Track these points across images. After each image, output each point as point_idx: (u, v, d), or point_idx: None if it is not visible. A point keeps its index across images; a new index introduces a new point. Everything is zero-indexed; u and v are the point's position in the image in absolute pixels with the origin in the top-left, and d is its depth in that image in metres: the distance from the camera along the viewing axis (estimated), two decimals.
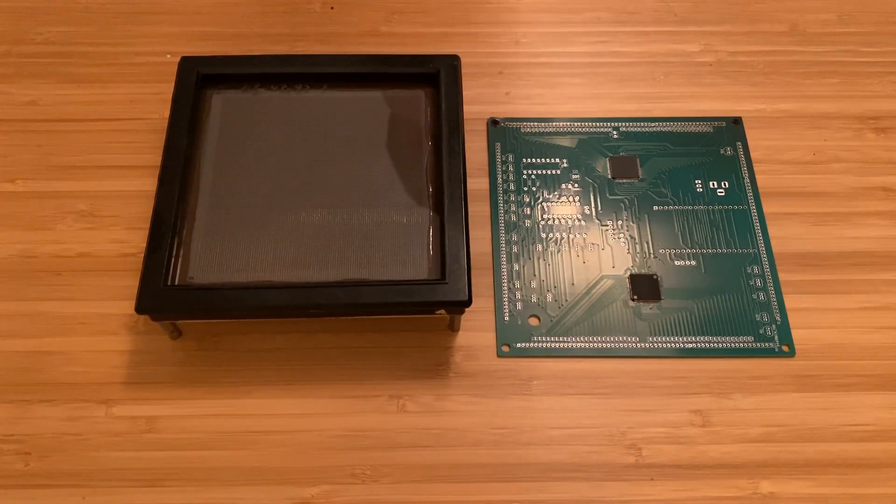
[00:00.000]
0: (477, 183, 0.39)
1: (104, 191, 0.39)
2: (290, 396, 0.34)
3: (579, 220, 0.38)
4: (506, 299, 0.36)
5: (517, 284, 0.37)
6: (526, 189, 0.39)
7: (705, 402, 0.34)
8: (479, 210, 0.38)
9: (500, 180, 0.40)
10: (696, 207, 0.39)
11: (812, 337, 0.35)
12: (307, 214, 0.35)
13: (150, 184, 0.35)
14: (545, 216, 0.38)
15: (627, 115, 0.42)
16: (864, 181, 0.40)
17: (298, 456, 0.33)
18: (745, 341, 0.35)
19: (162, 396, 0.34)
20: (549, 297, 0.36)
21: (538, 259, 0.37)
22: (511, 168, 0.40)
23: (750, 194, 0.39)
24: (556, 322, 0.36)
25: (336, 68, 0.39)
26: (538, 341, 0.35)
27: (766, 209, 0.39)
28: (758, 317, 0.36)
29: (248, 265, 0.33)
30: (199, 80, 0.38)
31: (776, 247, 0.38)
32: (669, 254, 0.37)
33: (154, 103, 0.41)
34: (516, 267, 0.37)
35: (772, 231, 0.38)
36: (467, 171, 0.36)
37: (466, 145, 0.37)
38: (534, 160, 0.40)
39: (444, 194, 0.34)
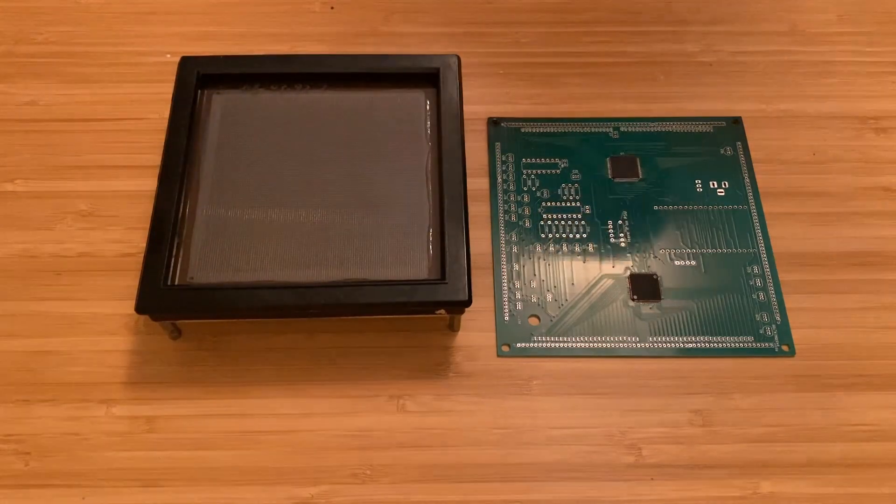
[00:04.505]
0: (477, 183, 0.39)
1: (104, 191, 0.39)
2: (290, 396, 0.34)
3: (579, 220, 0.38)
4: (506, 299, 0.36)
5: (517, 284, 0.37)
6: (526, 189, 0.39)
7: (705, 402, 0.34)
8: (479, 210, 0.38)
9: (500, 180, 0.40)
10: (695, 207, 0.39)
11: (812, 337, 0.35)
12: (307, 214, 0.35)
13: (150, 184, 0.35)
14: (545, 216, 0.38)
15: (627, 115, 0.42)
16: (864, 181, 0.40)
17: (298, 456, 0.33)
18: (745, 341, 0.35)
19: (162, 396, 0.34)
20: (549, 297, 0.36)
21: (538, 259, 0.37)
22: (511, 168, 0.40)
23: (750, 194, 0.39)
24: (556, 322, 0.36)
25: (336, 68, 0.39)
26: (538, 341, 0.35)
27: (766, 209, 0.39)
28: (758, 317, 0.36)
29: (248, 265, 0.33)
30: (199, 80, 0.38)
31: (776, 247, 0.38)
32: (669, 254, 0.37)
33: (154, 103, 0.41)
34: (516, 267, 0.37)
35: (772, 231, 0.38)
36: (467, 171, 0.36)
37: (466, 145, 0.37)
38: (534, 160, 0.40)
39: (444, 194, 0.34)
